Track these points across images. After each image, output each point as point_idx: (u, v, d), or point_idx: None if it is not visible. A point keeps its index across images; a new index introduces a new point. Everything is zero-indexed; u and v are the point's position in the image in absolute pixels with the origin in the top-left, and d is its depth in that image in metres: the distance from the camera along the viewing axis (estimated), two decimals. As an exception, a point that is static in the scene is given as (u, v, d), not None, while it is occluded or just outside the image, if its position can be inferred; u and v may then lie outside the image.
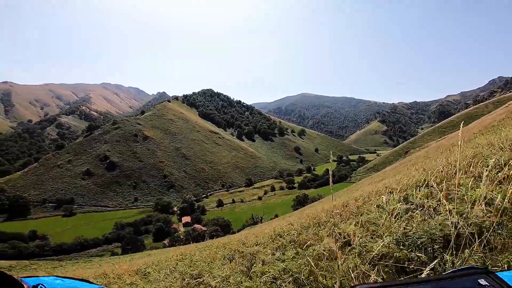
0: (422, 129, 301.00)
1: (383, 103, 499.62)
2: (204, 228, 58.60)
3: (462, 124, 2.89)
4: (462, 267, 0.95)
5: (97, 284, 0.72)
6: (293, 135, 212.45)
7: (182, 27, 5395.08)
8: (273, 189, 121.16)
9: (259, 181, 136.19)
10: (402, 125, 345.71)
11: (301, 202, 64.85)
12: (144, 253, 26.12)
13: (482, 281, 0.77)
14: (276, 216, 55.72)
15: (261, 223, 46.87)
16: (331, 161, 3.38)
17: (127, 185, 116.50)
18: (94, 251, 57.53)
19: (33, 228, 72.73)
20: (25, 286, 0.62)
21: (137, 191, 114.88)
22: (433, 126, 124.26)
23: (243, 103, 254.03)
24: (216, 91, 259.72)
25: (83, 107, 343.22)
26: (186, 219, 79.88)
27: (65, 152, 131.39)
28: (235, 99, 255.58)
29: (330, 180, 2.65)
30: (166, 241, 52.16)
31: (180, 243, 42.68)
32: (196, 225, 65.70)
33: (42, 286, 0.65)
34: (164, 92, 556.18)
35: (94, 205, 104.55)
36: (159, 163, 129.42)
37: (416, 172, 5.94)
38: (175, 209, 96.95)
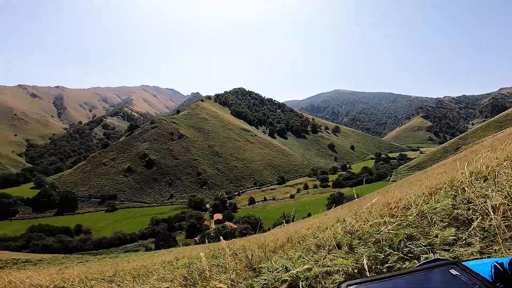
0: (473, 124, 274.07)
1: (426, 97, 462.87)
2: (234, 226, 57.98)
3: None
4: (429, 259, 0.98)
5: None
6: (327, 132, 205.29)
7: (213, 28, 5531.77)
8: (306, 187, 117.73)
9: (291, 179, 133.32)
10: (449, 121, 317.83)
11: (336, 201, 61.26)
12: (167, 250, 25.61)
13: (453, 271, 0.80)
14: (309, 215, 53.08)
15: (293, 221, 44.73)
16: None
17: (163, 182, 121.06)
18: (131, 246, 59.89)
19: (79, 223, 78.22)
20: None
21: (173, 187, 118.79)
22: (487, 121, 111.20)
23: (275, 100, 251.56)
24: (247, 90, 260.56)
25: (126, 109, 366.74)
26: (218, 216, 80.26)
27: (110, 150, 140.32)
28: (266, 97, 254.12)
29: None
30: (197, 238, 52.49)
31: (210, 240, 42.33)
32: (227, 223, 65.47)
33: None
34: (197, 92, 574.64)
35: (133, 201, 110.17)
36: (193, 161, 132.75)
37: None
38: (207, 206, 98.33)
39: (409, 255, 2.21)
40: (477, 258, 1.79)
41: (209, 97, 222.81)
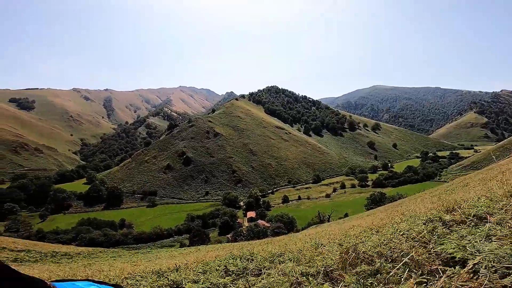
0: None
1: (480, 92, 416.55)
2: (267, 224, 56.97)
3: None
4: None
5: None
6: (366, 129, 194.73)
7: (246, 27, 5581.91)
8: (343, 186, 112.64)
9: (327, 178, 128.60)
10: (508, 116, 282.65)
11: (376, 202, 57.10)
12: (195, 248, 25.37)
13: None
14: (346, 215, 50.06)
15: (328, 222, 42.35)
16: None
17: (199, 179, 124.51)
18: (167, 241, 62.12)
19: (123, 217, 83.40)
20: None
21: (208, 185, 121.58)
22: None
23: (309, 98, 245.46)
24: (280, 88, 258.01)
25: (166, 109, 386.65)
26: (251, 214, 79.98)
27: (151, 148, 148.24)
28: (300, 95, 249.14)
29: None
30: (229, 235, 52.55)
31: (242, 238, 41.93)
32: (260, 221, 64.75)
33: None
34: (232, 91, 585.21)
35: (171, 197, 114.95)
36: (228, 159, 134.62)
37: None
38: (241, 203, 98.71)
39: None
40: None
41: (243, 96, 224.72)
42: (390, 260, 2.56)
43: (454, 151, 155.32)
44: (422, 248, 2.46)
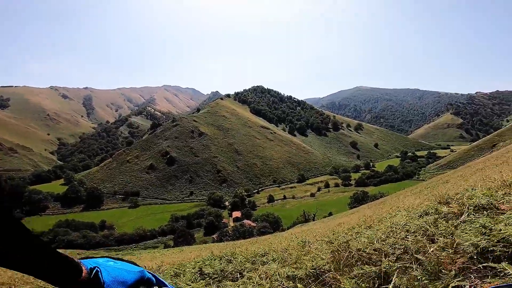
0: (508, 121, 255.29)
1: (456, 93, 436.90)
2: (253, 224, 56.89)
3: None
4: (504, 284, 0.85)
5: (139, 266, 0.77)
6: (349, 129, 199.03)
7: (231, 27, 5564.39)
8: (327, 185, 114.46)
9: (312, 177, 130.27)
10: (482, 118, 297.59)
11: (359, 200, 58.40)
12: (179, 249, 24.88)
13: None
14: (331, 214, 50.85)
15: (314, 221, 42.86)
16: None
17: (184, 179, 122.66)
18: (151, 242, 60.58)
19: (103, 218, 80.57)
20: (83, 268, 0.65)
21: (193, 185, 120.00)
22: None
23: (294, 98, 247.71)
24: (266, 88, 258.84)
25: (149, 108, 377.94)
26: (237, 214, 79.66)
27: (133, 148, 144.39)
28: (285, 95, 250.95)
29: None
30: (215, 236, 52.04)
31: (228, 238, 41.59)
32: (246, 221, 64.59)
33: (98, 269, 0.67)
34: (217, 91, 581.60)
35: (155, 197, 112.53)
36: (213, 158, 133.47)
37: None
38: (226, 203, 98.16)
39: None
40: None
41: (228, 96, 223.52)
42: (395, 258, 2.28)
43: (431, 151, 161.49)
44: (429, 242, 2.27)
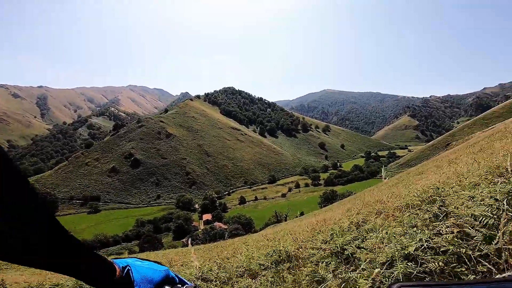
0: (458, 123, 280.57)
1: (413, 97, 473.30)
2: (224, 226, 55.22)
3: None
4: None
5: (164, 266, 0.81)
6: (317, 131, 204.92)
7: (201, 29, 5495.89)
8: (297, 186, 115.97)
9: (282, 178, 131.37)
10: (435, 120, 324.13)
11: (329, 199, 59.35)
12: (146, 254, 22.66)
13: None
14: (302, 213, 50.95)
15: (286, 221, 42.44)
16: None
17: (150, 182, 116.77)
18: (113, 248, 56.08)
19: (59, 225, 73.09)
20: (116, 268, 0.68)
21: (160, 188, 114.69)
22: (474, 118, 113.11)
23: (265, 100, 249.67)
24: (237, 89, 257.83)
25: (112, 109, 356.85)
26: (207, 216, 77.19)
27: (93, 150, 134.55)
28: (256, 97, 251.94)
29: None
30: (184, 240, 49.53)
31: (198, 242, 39.53)
32: (217, 223, 62.61)
33: (129, 268, 0.70)
34: (187, 92, 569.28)
35: (118, 202, 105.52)
36: (181, 160, 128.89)
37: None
38: (196, 206, 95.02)
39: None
40: None
41: (198, 97, 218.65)
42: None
43: (391, 151, 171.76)
44: (437, 236, 2.07)
